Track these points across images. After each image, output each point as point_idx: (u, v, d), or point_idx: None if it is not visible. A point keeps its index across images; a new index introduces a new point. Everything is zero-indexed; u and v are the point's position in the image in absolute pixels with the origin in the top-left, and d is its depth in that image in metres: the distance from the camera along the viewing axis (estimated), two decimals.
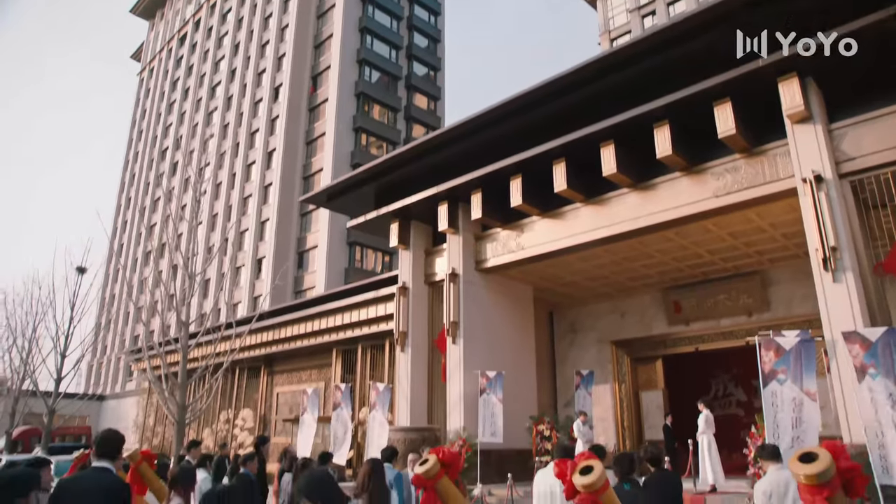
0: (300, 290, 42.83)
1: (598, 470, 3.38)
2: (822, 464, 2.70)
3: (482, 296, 15.85)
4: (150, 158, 58.48)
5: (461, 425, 14.38)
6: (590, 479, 3.35)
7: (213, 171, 50.10)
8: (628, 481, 4.88)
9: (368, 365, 20.85)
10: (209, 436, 28.74)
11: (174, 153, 55.15)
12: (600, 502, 3.39)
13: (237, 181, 47.73)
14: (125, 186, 61.79)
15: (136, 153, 61.93)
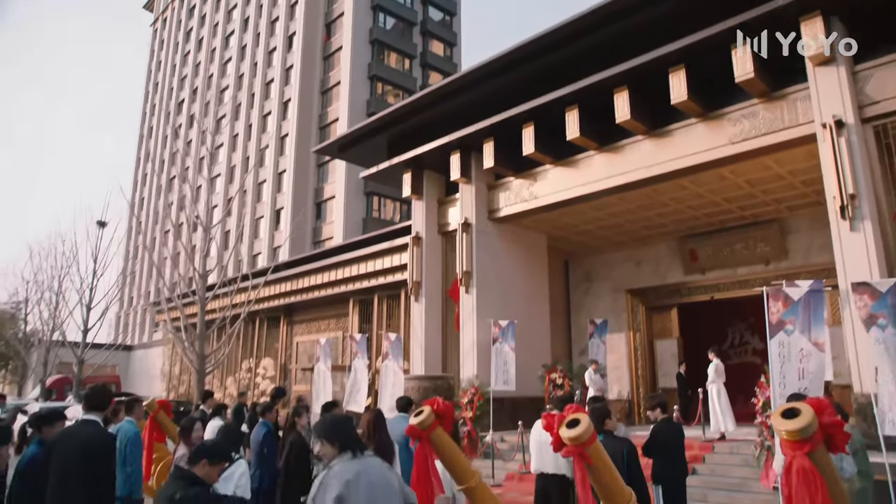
0: (318, 241, 43.12)
1: (584, 423, 3.38)
2: (804, 420, 2.67)
3: (495, 245, 15.80)
4: (167, 111, 58.44)
5: (474, 374, 14.57)
6: (576, 431, 3.35)
7: (230, 123, 49.99)
8: (602, 432, 4.91)
9: (385, 315, 21.09)
10: (232, 384, 29.53)
11: (190, 105, 55.02)
12: (587, 455, 3.40)
13: (253, 132, 47.63)
14: (143, 140, 62.00)
15: (152, 106, 61.89)
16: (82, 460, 4.09)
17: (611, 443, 4.74)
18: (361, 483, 3.23)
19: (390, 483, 3.30)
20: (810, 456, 2.65)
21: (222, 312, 17.17)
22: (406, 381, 15.04)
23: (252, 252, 47.11)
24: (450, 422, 4.49)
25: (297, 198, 44.10)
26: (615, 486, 3.62)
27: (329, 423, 3.48)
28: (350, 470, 3.28)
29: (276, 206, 45.80)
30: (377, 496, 3.25)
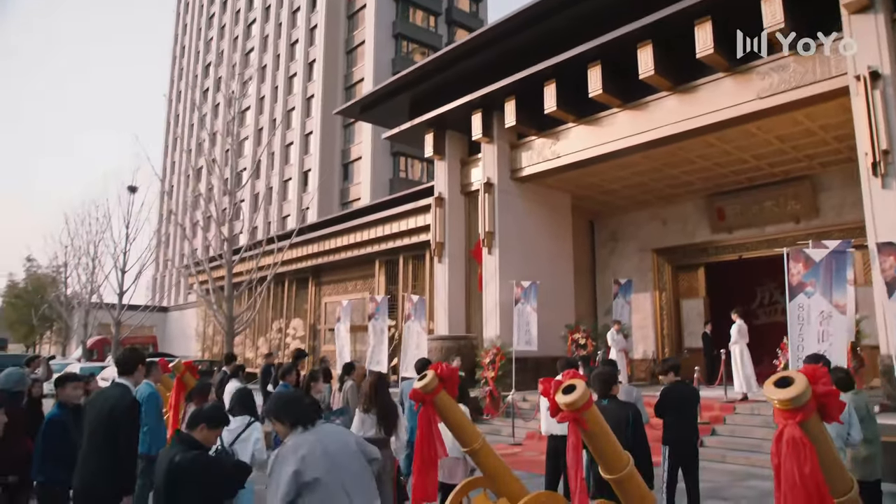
0: (346, 202, 43.29)
1: (580, 389, 3.37)
2: (796, 389, 2.60)
3: (518, 205, 15.67)
4: (195, 74, 58.61)
5: (496, 334, 14.63)
6: (571, 397, 3.34)
7: (256, 85, 49.97)
8: (607, 397, 4.89)
9: (410, 275, 21.22)
10: (263, 344, 30.19)
11: (217, 68, 55.07)
12: (583, 420, 3.39)
13: (280, 94, 47.59)
14: (172, 104, 62.44)
15: (180, 70, 62.12)
16: (108, 421, 4.25)
17: (615, 407, 4.72)
18: (318, 453, 3.22)
19: (347, 445, 3.33)
20: (802, 425, 2.59)
21: (249, 275, 17.43)
22: (429, 342, 15.18)
23: (281, 214, 47.58)
24: (454, 386, 4.51)
25: (325, 159, 44.18)
26: (612, 451, 3.62)
27: (276, 403, 3.48)
28: (305, 443, 3.26)
29: (304, 167, 45.98)
30: (338, 462, 3.27)
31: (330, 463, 3.28)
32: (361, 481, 3.31)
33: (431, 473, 4.34)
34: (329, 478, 3.27)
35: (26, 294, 44.92)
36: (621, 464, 3.60)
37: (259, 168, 51.24)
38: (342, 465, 3.28)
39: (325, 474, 3.27)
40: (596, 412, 3.48)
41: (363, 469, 3.34)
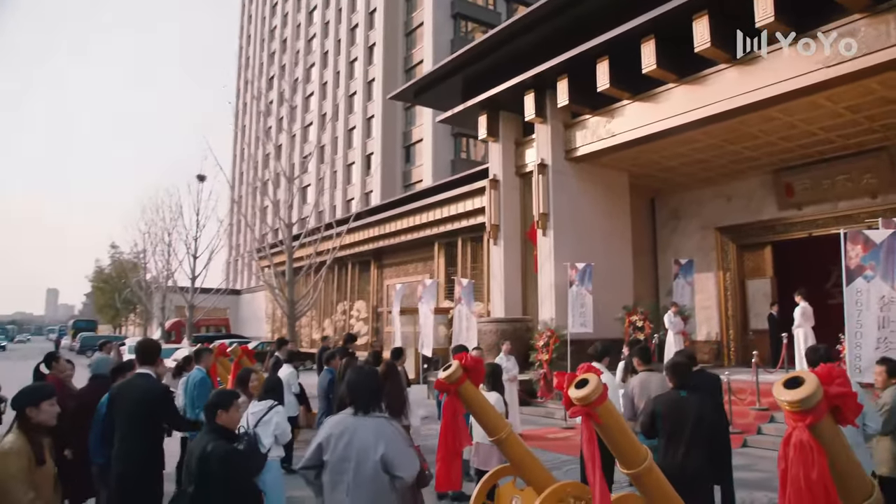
0: (409, 184, 43.60)
1: (592, 383, 3.30)
2: (806, 390, 2.47)
3: (572, 185, 15.39)
4: (261, 62, 60.05)
5: (552, 316, 14.50)
6: (583, 392, 3.29)
7: (319, 71, 50.78)
8: (685, 388, 4.74)
9: (469, 257, 21.24)
10: (329, 325, 31.00)
11: (281, 56, 56.23)
12: (595, 414, 3.33)
13: (341, 79, 48.17)
14: (240, 93, 64.24)
15: (246, 59, 63.78)
16: (140, 409, 4.49)
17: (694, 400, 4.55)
18: (342, 441, 3.34)
19: (369, 450, 3.31)
20: (812, 429, 2.46)
21: (308, 259, 17.84)
22: (484, 324, 15.22)
23: (346, 197, 48.42)
24: (479, 375, 4.52)
25: (387, 142, 44.57)
26: (628, 446, 3.54)
27: (347, 380, 3.60)
28: (341, 425, 3.41)
29: (367, 151, 46.52)
30: (350, 457, 3.32)
31: (345, 455, 3.36)
32: (365, 488, 3.29)
33: (455, 462, 4.38)
34: (339, 467, 3.36)
35: (111, 279, 47.60)
36: (639, 458, 3.52)
37: (323, 152, 52.24)
38: (354, 463, 3.33)
39: (336, 462, 3.36)
40: (609, 407, 3.41)
41: (375, 478, 3.30)
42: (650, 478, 3.56)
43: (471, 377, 4.47)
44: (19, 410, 3.61)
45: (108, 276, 48.98)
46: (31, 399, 3.65)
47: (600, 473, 3.22)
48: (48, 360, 6.57)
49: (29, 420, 3.60)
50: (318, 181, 52.83)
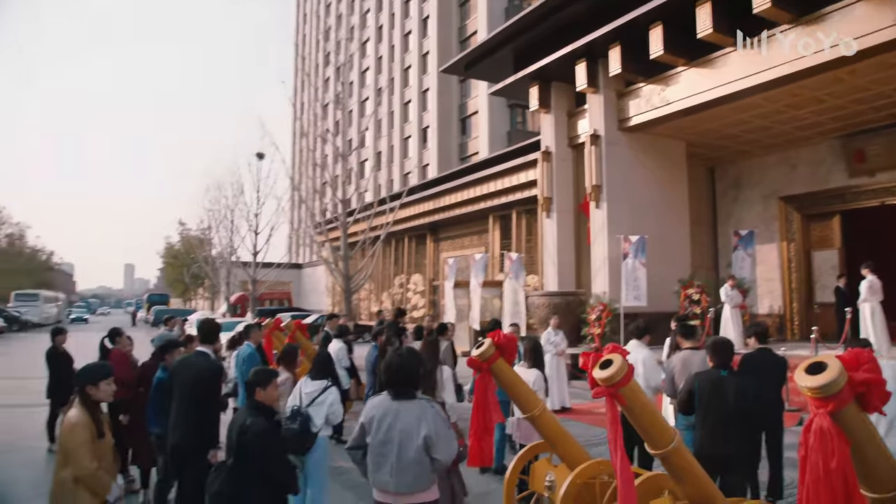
0: (465, 157, 43.45)
1: (616, 364, 3.27)
2: (827, 376, 2.38)
3: (626, 156, 15.02)
4: (317, 39, 60.57)
5: (605, 289, 14.31)
6: (607, 373, 3.26)
7: (374, 45, 50.86)
8: (726, 368, 4.63)
9: (524, 230, 21.10)
10: (387, 298, 31.49)
11: (337, 31, 56.50)
12: (620, 395, 3.30)
13: (396, 53, 48.13)
14: (298, 70, 65.07)
15: (303, 36, 64.43)
16: (195, 385, 4.75)
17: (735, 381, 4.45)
18: (385, 424, 3.46)
19: (412, 433, 3.41)
20: (834, 416, 2.37)
21: (363, 235, 18.11)
22: (537, 298, 15.16)
23: (403, 171, 48.68)
24: (512, 353, 4.53)
25: (442, 115, 44.42)
26: (655, 427, 3.50)
27: (386, 363, 3.69)
28: (383, 407, 3.53)
29: (423, 124, 46.52)
30: (392, 439, 3.43)
31: (387, 438, 3.47)
32: (410, 469, 3.42)
33: (487, 439, 4.43)
34: (382, 449, 3.47)
35: (180, 255, 49.63)
36: (666, 439, 3.47)
37: (380, 127, 52.56)
38: (397, 445, 3.44)
39: (378, 444, 3.48)
40: (634, 387, 3.37)
41: (418, 459, 3.41)
42: (678, 458, 3.51)
43: (503, 355, 4.49)
44: (81, 388, 3.85)
45: (178, 252, 51.09)
46: (91, 378, 3.90)
47: (623, 455, 3.20)
48: (112, 336, 6.98)
49: (89, 397, 3.84)
50: (375, 156, 53.28)
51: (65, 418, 3.75)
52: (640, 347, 5.97)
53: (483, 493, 6.22)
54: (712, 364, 4.65)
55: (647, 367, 5.74)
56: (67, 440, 3.64)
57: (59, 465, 3.67)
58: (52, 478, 3.72)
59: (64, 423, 3.72)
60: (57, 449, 3.71)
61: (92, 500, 3.71)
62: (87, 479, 3.62)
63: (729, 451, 4.33)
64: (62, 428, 3.71)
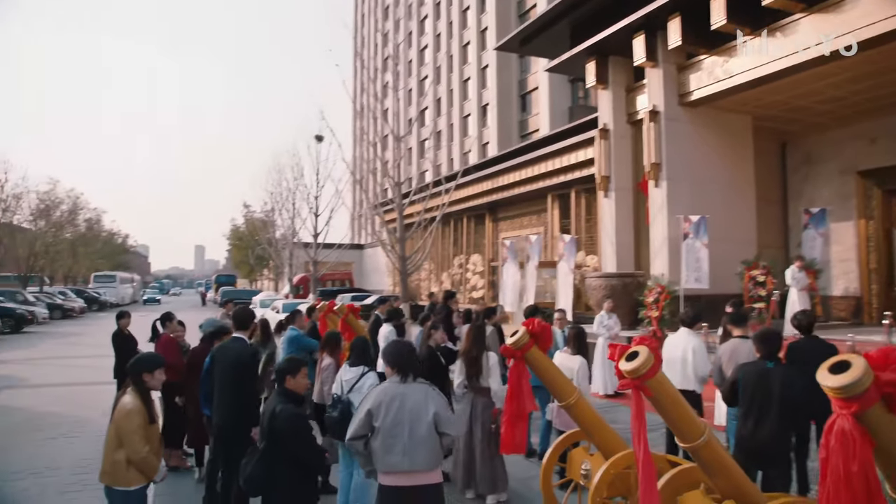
0: (525, 134, 43.03)
1: (642, 356, 3.24)
2: (851, 375, 2.29)
3: (687, 132, 14.54)
4: (375, 19, 60.81)
5: (664, 271, 13.99)
6: (633, 364, 3.23)
7: (432, 22, 50.69)
8: (773, 360, 4.50)
9: (583, 209, 20.78)
10: (447, 279, 31.71)
11: (395, 9, 56.57)
12: (646, 387, 3.27)
13: (455, 30, 47.86)
14: (358, 50, 65.59)
15: (361, 15, 64.79)
16: (233, 370, 5.00)
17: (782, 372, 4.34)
18: (394, 407, 3.61)
19: (423, 410, 3.55)
20: (859, 417, 2.29)
21: (419, 216, 18.24)
22: (594, 280, 14.97)
23: (462, 150, 48.62)
24: (546, 341, 4.54)
25: (502, 92, 44.04)
26: (684, 420, 3.45)
27: (388, 350, 3.84)
28: (390, 392, 3.68)
29: (482, 102, 46.25)
30: (403, 420, 3.58)
31: (398, 420, 3.58)
32: (422, 447, 3.57)
33: (520, 426, 4.48)
34: (393, 431, 3.59)
35: (244, 237, 51.28)
36: (697, 431, 3.43)
37: (439, 105, 52.57)
38: (408, 425, 3.56)
39: (389, 427, 3.60)
40: (661, 379, 3.33)
41: (429, 436, 3.58)
42: (708, 452, 3.45)
43: (538, 343, 4.51)
44: (137, 375, 4.11)
45: (242, 233, 52.80)
46: (149, 367, 4.17)
47: (646, 450, 3.17)
48: (163, 320, 7.39)
49: (144, 384, 4.11)
50: (434, 135, 53.38)
51: (119, 403, 4.02)
52: (690, 336, 5.85)
53: (526, 477, 6.27)
54: (759, 355, 4.53)
55: (697, 357, 5.62)
56: (122, 425, 3.93)
57: (113, 446, 3.96)
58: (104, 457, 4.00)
59: (118, 408, 4.00)
60: (110, 430, 3.98)
61: (141, 479, 4.01)
62: (139, 462, 3.93)
63: (771, 445, 4.22)
64: (117, 413, 3.99)
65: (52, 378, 13.51)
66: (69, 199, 45.91)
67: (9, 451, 7.78)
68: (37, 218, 39.22)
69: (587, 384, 5.85)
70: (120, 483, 3.93)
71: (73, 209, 46.42)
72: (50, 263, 41.93)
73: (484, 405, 5.48)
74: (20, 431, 8.86)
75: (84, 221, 52.75)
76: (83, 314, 35.37)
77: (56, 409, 9.95)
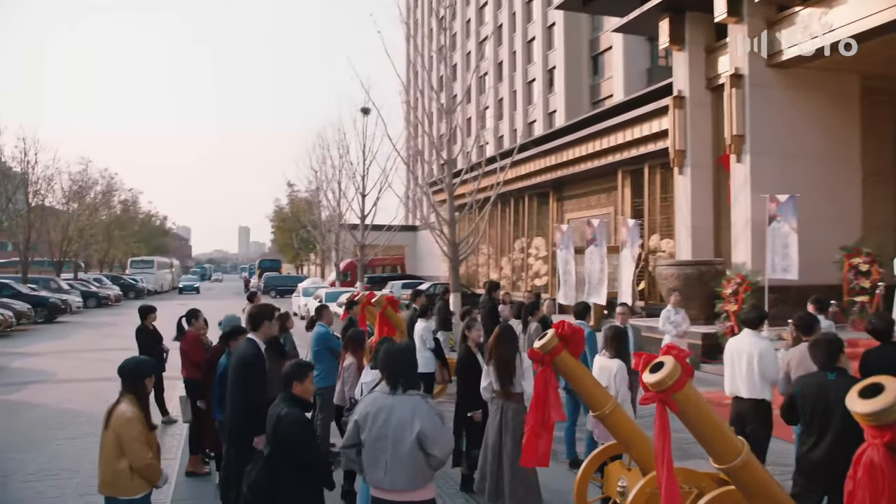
0: (597, 101, 42.37)
1: (668, 366, 3.21)
2: (883, 401, 2.23)
3: (776, 99, 14.04)
4: None
5: (746, 259, 13.63)
6: (657, 377, 3.21)
7: None
8: (833, 370, 4.37)
9: (658, 186, 20.36)
10: (507, 264, 31.69)
11: None
12: (672, 402, 3.24)
13: None
14: (410, 11, 65.60)
15: None
16: (237, 374, 5.23)
17: (844, 385, 4.23)
18: (379, 419, 3.66)
19: (405, 428, 3.59)
20: (890, 447, 2.24)
21: (470, 197, 18.18)
22: (665, 268, 14.72)
23: (527, 119, 48.25)
24: (578, 345, 4.54)
25: (570, 53, 43.41)
26: (718, 438, 3.43)
27: (381, 355, 3.90)
28: (377, 403, 3.74)
29: (548, 65, 45.70)
30: (386, 435, 3.64)
31: (381, 434, 3.68)
32: (404, 465, 3.62)
33: (544, 437, 4.50)
34: (377, 445, 3.68)
35: (288, 219, 52.31)
36: (733, 452, 3.39)
37: (501, 70, 52.21)
38: (391, 442, 3.64)
39: (373, 441, 3.70)
40: (691, 393, 3.29)
41: (412, 455, 3.61)
42: (747, 475, 3.41)
43: (569, 347, 4.51)
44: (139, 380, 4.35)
45: (286, 215, 53.92)
46: (149, 370, 4.42)
47: (669, 471, 3.17)
48: (189, 317, 7.73)
49: (144, 389, 4.35)
50: (496, 103, 53.08)
51: (116, 412, 4.27)
52: (756, 338, 5.72)
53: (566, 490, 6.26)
54: (817, 365, 4.40)
55: (763, 361, 5.48)
56: (123, 433, 4.19)
57: (114, 455, 4.21)
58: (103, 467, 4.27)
59: (116, 417, 4.25)
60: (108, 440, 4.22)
61: (146, 486, 4.28)
62: (144, 469, 4.21)
63: (833, 467, 4.10)
64: (115, 421, 4.24)
65: (80, 372, 14.27)
66: (103, 180, 47.87)
67: (28, 451, 8.27)
68: (70, 200, 40.98)
69: (627, 390, 5.80)
70: (125, 492, 4.20)
71: (107, 190, 48.39)
72: (84, 248, 43.64)
73: (515, 411, 5.50)
74: (42, 429, 9.37)
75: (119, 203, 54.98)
76: (119, 302, 36.96)
77: (81, 407, 10.46)
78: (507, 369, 5.54)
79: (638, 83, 37.76)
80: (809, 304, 7.66)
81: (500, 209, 32.92)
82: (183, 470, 7.29)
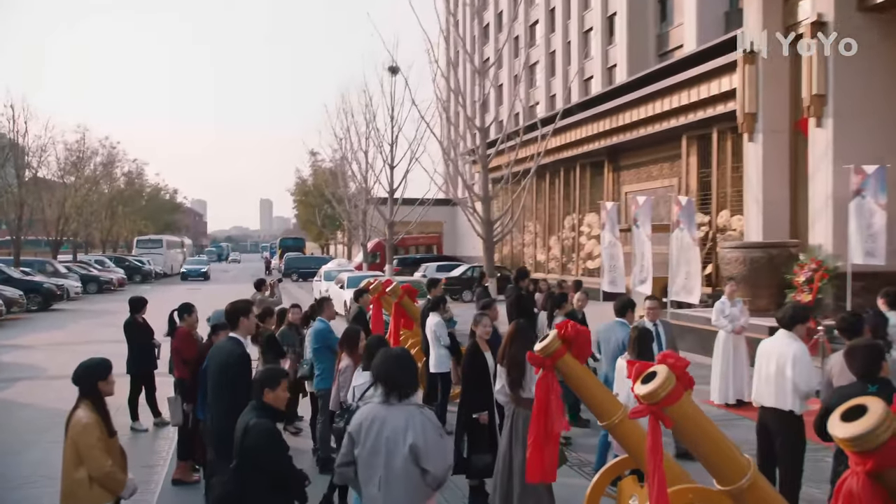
0: (664, 52, 41.68)
1: (661, 377, 3.28)
2: (864, 425, 2.28)
3: (867, 51, 13.64)
4: None
5: (825, 241, 13.42)
6: (649, 388, 3.28)
7: None
8: (875, 381, 4.37)
9: (729, 155, 20.12)
10: (556, 244, 31.61)
11: None
12: (664, 416, 3.31)
13: None
14: None
15: None
16: (221, 373, 5.47)
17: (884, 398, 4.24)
18: (373, 432, 3.82)
19: (398, 442, 3.73)
20: (873, 476, 2.30)
21: (507, 169, 18.23)
22: (729, 251, 14.58)
23: (583, 76, 47.76)
24: (583, 347, 4.62)
25: None
26: (720, 456, 3.49)
27: (375, 361, 4.04)
28: (371, 414, 3.90)
29: (608, 11, 45.12)
30: (379, 449, 3.79)
31: (375, 448, 3.83)
32: (400, 482, 3.76)
33: (549, 449, 4.62)
34: (370, 461, 3.84)
35: (311, 192, 52.58)
36: (738, 472, 3.45)
37: (553, 18, 51.69)
38: (384, 456, 3.80)
39: (367, 456, 3.86)
40: (686, 406, 3.36)
41: (406, 471, 3.76)
42: (753, 496, 3.46)
43: (572, 350, 4.59)
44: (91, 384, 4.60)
45: (308, 188, 54.20)
46: (103, 373, 4.67)
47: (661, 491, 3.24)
48: (182, 312, 8.00)
49: (100, 393, 4.59)
50: (547, 55, 52.61)
51: (73, 418, 4.53)
52: (792, 340, 5.72)
53: None
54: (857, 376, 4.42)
55: (800, 366, 5.49)
56: (80, 440, 4.44)
57: (72, 464, 4.47)
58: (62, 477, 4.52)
59: (73, 424, 4.50)
60: (67, 449, 4.48)
61: (107, 497, 4.52)
62: (103, 478, 4.46)
63: None
64: (72, 428, 4.50)
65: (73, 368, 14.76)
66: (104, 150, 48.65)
67: (18, 454, 8.69)
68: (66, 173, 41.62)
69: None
70: None
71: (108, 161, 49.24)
72: (84, 226, 44.12)
73: (525, 419, 5.60)
74: (32, 430, 9.76)
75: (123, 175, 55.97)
76: (123, 287, 37.59)
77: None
78: (517, 372, 5.65)
79: (713, 30, 36.92)
80: (879, 297, 7.56)
81: (548, 181, 32.80)
82: (170, 478, 7.56)
